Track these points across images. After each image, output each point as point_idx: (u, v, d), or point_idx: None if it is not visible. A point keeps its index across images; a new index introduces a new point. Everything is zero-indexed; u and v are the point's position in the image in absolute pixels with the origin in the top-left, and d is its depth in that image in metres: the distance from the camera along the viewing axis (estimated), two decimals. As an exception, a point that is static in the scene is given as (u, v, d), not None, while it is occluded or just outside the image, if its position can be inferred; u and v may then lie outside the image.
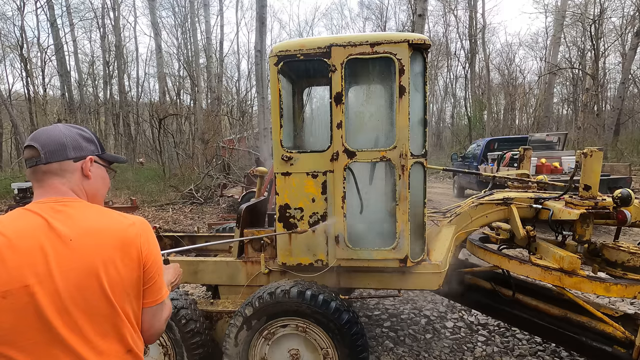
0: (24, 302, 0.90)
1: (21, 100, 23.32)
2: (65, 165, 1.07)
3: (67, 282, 0.95)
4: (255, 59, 14.16)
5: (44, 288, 0.92)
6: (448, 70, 30.31)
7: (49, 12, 19.97)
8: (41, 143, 1.05)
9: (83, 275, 0.96)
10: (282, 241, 2.72)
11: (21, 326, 0.91)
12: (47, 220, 0.98)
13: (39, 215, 0.98)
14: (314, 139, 3.40)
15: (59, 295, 0.94)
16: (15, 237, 0.93)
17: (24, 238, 0.94)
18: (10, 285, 0.89)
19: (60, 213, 1.00)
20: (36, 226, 0.97)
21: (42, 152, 1.04)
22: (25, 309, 0.90)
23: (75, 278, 0.96)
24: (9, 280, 0.89)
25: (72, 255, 0.96)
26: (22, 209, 1.01)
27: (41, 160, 1.04)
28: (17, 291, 0.90)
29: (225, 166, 14.94)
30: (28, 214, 0.99)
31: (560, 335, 2.76)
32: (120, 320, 1.03)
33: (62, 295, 0.94)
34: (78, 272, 0.96)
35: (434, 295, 4.45)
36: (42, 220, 0.98)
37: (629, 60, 16.83)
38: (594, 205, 2.52)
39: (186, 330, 2.59)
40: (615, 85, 22.35)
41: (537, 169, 8.10)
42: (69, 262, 0.96)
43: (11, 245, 0.92)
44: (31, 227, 0.96)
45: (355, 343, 2.46)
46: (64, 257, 0.95)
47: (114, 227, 1.05)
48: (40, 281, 0.92)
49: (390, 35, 2.50)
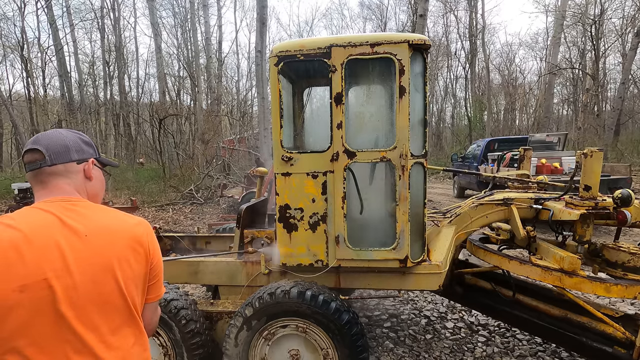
0: (42, 295, 0.91)
1: (21, 100, 23.32)
2: (70, 167, 1.10)
3: (84, 276, 0.97)
4: (255, 59, 14.15)
5: (61, 282, 0.94)
6: (448, 70, 30.31)
7: (49, 13, 20.00)
8: (45, 146, 1.07)
9: (99, 271, 1.00)
10: (283, 241, 2.72)
11: (36, 320, 0.92)
12: (59, 217, 1.00)
13: (50, 213, 1.00)
14: (314, 139, 3.40)
15: (75, 289, 0.96)
16: (30, 232, 0.94)
17: (40, 234, 0.95)
18: (28, 279, 0.90)
19: (71, 211, 1.03)
20: (50, 222, 0.98)
21: (47, 154, 1.06)
22: (42, 303, 0.91)
23: (91, 273, 0.98)
24: (27, 275, 0.90)
25: (88, 251, 0.99)
26: (31, 207, 1.03)
27: (46, 162, 1.06)
28: (35, 285, 0.91)
29: (226, 166, 14.96)
30: (39, 212, 1.01)
31: (561, 335, 2.77)
32: (131, 315, 1.08)
33: (78, 290, 0.96)
34: (94, 268, 0.99)
35: (434, 296, 4.45)
36: (55, 217, 1.00)
37: (629, 60, 16.83)
38: (594, 205, 2.52)
39: (186, 330, 2.59)
40: (616, 85, 22.39)
41: (537, 169, 8.09)
42: (85, 257, 0.98)
43: (28, 240, 0.93)
44: (45, 223, 0.98)
45: (356, 343, 2.46)
46: (80, 252, 0.98)
47: (123, 225, 1.09)
48: (58, 275, 0.93)
49: (390, 36, 2.50)
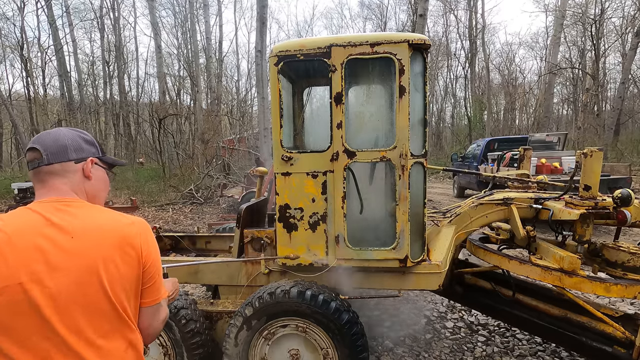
0: (18, 299, 0.91)
1: (21, 100, 23.31)
2: (67, 166, 1.09)
3: (68, 279, 0.96)
4: (255, 59, 14.14)
5: (40, 286, 0.93)
6: (448, 70, 30.29)
7: (49, 13, 19.98)
8: (43, 145, 1.07)
9: (83, 273, 0.98)
10: (283, 241, 2.72)
11: (17, 323, 0.92)
12: (47, 218, 0.99)
13: (39, 214, 1.00)
14: (314, 139, 3.40)
15: (59, 292, 0.95)
16: (14, 234, 0.95)
17: (22, 236, 0.95)
18: (7, 282, 0.91)
19: (61, 212, 1.02)
20: (34, 224, 0.98)
21: (45, 153, 1.06)
22: (20, 306, 0.92)
23: (75, 275, 0.97)
24: (7, 276, 0.91)
25: (73, 252, 0.98)
26: (23, 208, 1.03)
27: (43, 161, 1.06)
28: (10, 288, 0.91)
29: (225, 166, 14.94)
30: (28, 213, 1.01)
31: (560, 335, 2.77)
32: (119, 318, 1.05)
33: (62, 293, 0.95)
34: (78, 270, 0.98)
35: (434, 296, 4.45)
36: (42, 218, 0.99)
37: (629, 60, 16.83)
38: (594, 205, 2.52)
39: (186, 330, 2.59)
40: (615, 85, 22.39)
41: (537, 169, 8.09)
42: (69, 259, 0.97)
43: (10, 242, 0.93)
44: (30, 225, 0.98)
45: (355, 343, 2.46)
46: (64, 254, 0.97)
47: (114, 225, 1.07)
48: (36, 279, 0.93)
49: (390, 36, 2.50)
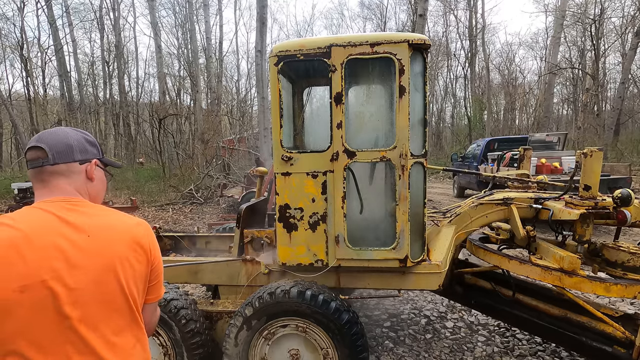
0: (42, 296, 0.91)
1: (21, 100, 23.30)
2: (72, 167, 1.09)
3: (87, 277, 0.97)
4: (255, 59, 14.14)
5: (62, 283, 0.93)
6: (448, 70, 30.29)
7: (48, 13, 19.98)
8: (49, 144, 1.06)
9: (101, 270, 0.99)
10: (283, 241, 2.72)
11: (37, 321, 0.91)
12: (62, 217, 0.99)
13: (51, 213, 1.00)
14: (314, 139, 3.40)
15: (78, 289, 0.95)
16: (31, 232, 0.93)
17: (40, 234, 0.94)
18: (28, 280, 0.90)
19: (72, 211, 1.02)
20: (50, 223, 0.98)
21: (50, 153, 1.05)
22: (43, 303, 0.91)
23: (94, 273, 0.98)
24: (28, 275, 0.90)
25: (90, 251, 0.99)
26: (32, 207, 1.02)
27: (48, 161, 1.05)
28: (35, 286, 0.90)
29: (225, 166, 14.95)
30: (40, 212, 1.00)
31: (560, 335, 2.77)
32: (132, 315, 1.08)
33: (81, 290, 0.96)
34: (96, 267, 0.99)
35: (434, 295, 4.45)
36: (56, 217, 0.99)
37: (629, 60, 16.84)
38: (594, 205, 2.52)
39: (186, 330, 2.59)
40: (615, 85, 22.38)
41: (537, 169, 8.09)
42: (87, 258, 0.98)
43: (28, 240, 0.92)
44: (45, 223, 0.97)
45: (355, 343, 2.46)
46: (82, 253, 0.97)
47: (124, 226, 1.09)
48: (58, 276, 0.93)
49: (390, 36, 2.50)
